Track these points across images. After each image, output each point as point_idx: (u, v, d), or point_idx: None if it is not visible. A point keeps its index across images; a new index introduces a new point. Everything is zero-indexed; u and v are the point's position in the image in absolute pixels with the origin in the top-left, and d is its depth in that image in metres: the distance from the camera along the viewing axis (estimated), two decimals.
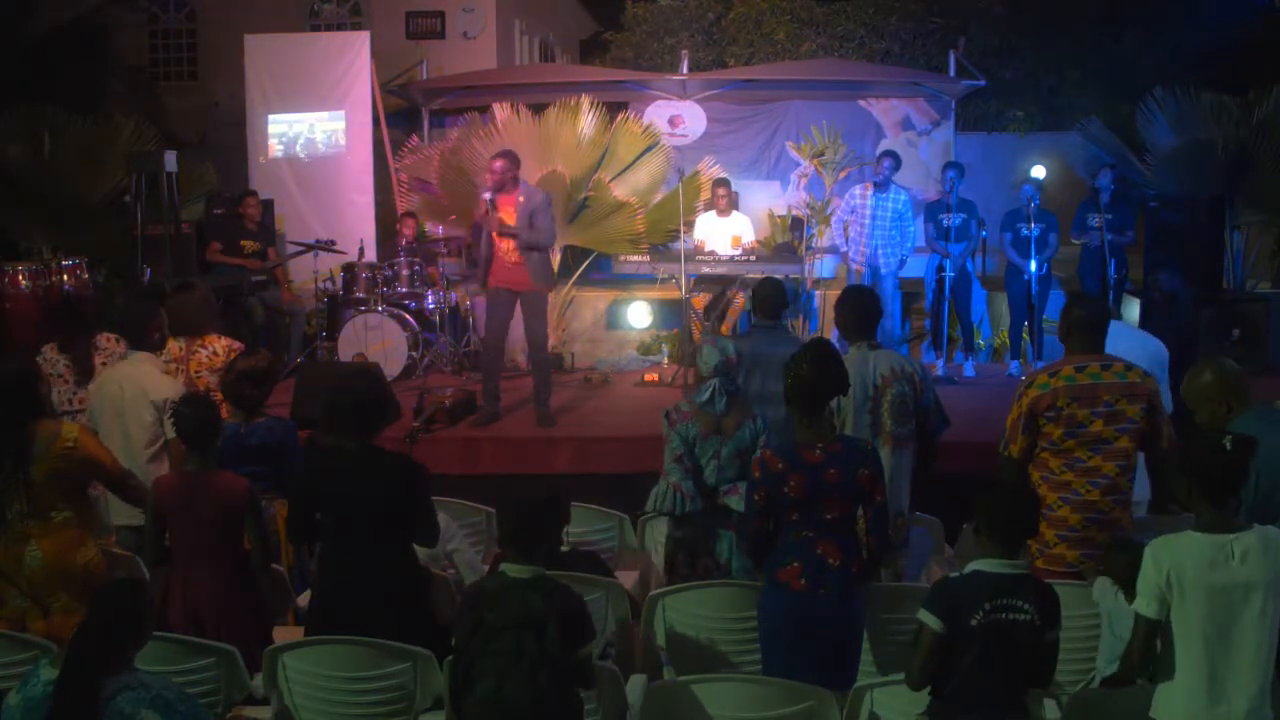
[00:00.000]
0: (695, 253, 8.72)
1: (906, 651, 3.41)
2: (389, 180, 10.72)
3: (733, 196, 9.44)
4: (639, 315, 10.13)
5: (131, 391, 5.05)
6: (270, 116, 10.48)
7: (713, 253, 8.82)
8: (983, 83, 11.21)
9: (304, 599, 4.40)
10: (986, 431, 5.09)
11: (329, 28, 13.45)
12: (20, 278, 8.32)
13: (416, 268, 9.30)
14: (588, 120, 9.75)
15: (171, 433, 4.51)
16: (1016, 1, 13.55)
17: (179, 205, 8.98)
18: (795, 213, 10.43)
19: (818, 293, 9.58)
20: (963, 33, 13.01)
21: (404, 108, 11.79)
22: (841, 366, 3.96)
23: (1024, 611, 3.12)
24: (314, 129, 10.46)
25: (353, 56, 10.45)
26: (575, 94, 9.98)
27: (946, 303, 8.97)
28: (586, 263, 10.20)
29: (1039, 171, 9.67)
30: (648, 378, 9.27)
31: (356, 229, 9.94)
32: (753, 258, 8.81)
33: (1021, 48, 13.42)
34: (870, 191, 9.03)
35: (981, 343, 9.97)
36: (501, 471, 6.98)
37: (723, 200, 9.25)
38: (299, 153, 10.50)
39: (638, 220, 9.67)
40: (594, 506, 5.30)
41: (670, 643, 4.14)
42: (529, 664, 3.08)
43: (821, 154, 10.82)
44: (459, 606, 3.39)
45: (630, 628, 4.28)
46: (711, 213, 9.29)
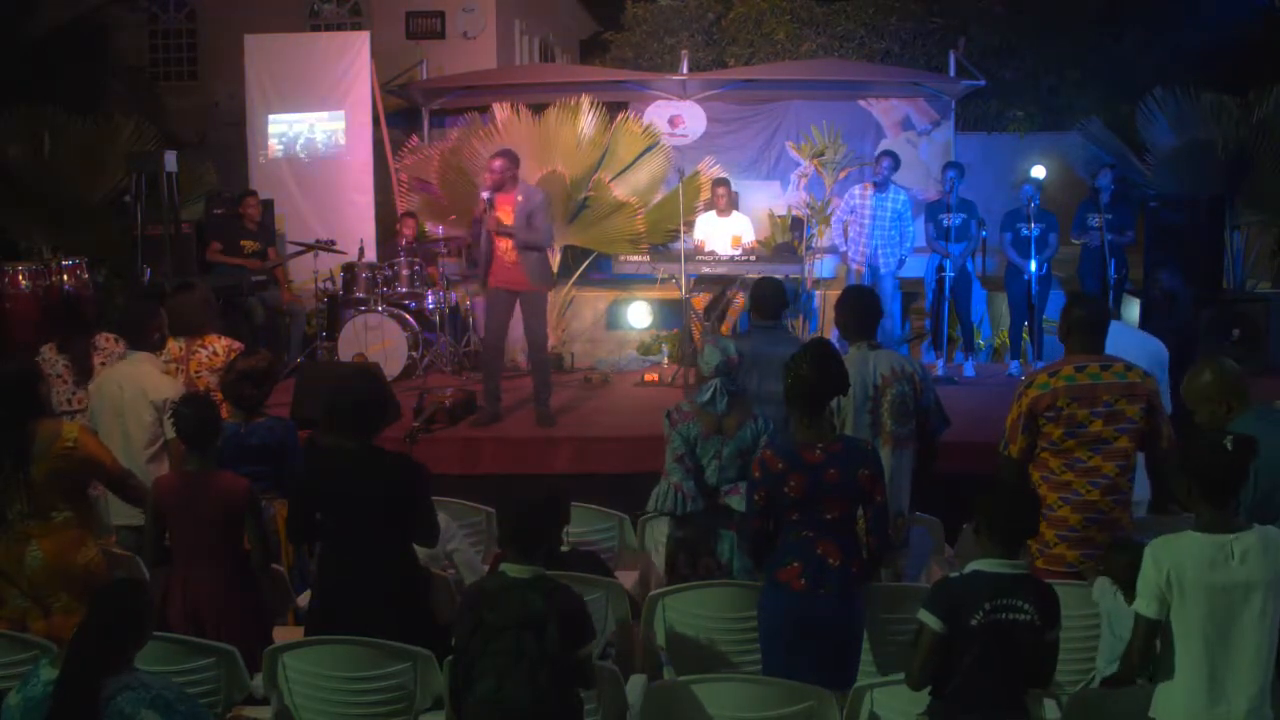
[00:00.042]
0: (695, 253, 8.72)
1: (906, 651, 3.41)
2: (389, 180, 10.72)
3: (733, 196, 9.44)
4: (639, 315, 10.13)
5: (131, 391, 5.05)
6: (270, 116, 10.48)
7: (713, 253, 8.82)
8: (983, 83, 11.20)
9: (304, 599, 4.40)
10: (986, 431, 5.09)
11: (329, 28, 13.45)
12: (20, 278, 8.31)
13: (416, 268, 9.30)
14: (588, 120, 9.76)
15: (171, 433, 4.51)
16: (1016, 1, 13.54)
17: (179, 205, 8.97)
18: (795, 213, 10.42)
19: (818, 293, 9.57)
20: (963, 33, 13.01)
21: (404, 108, 11.78)
22: (841, 366, 3.96)
23: (1024, 611, 3.12)
24: (314, 129, 10.47)
25: (353, 56, 10.45)
26: (575, 94, 9.98)
27: (946, 303, 8.97)
28: (586, 263, 10.20)
29: (1039, 171, 9.67)
30: (648, 378, 9.27)
31: (356, 229, 9.94)
32: (753, 258, 8.80)
33: (1021, 48, 13.42)
34: (870, 191, 9.03)
35: (981, 343, 9.97)
36: (501, 471, 6.98)
37: (723, 200, 9.24)
38: (299, 153, 10.50)
39: (638, 220, 9.68)
40: (594, 506, 5.29)
41: (670, 643, 4.14)
42: (529, 664, 3.08)
43: (821, 154, 10.81)
44: (459, 606, 3.39)
45: (630, 628, 4.28)
46: (711, 213, 9.29)
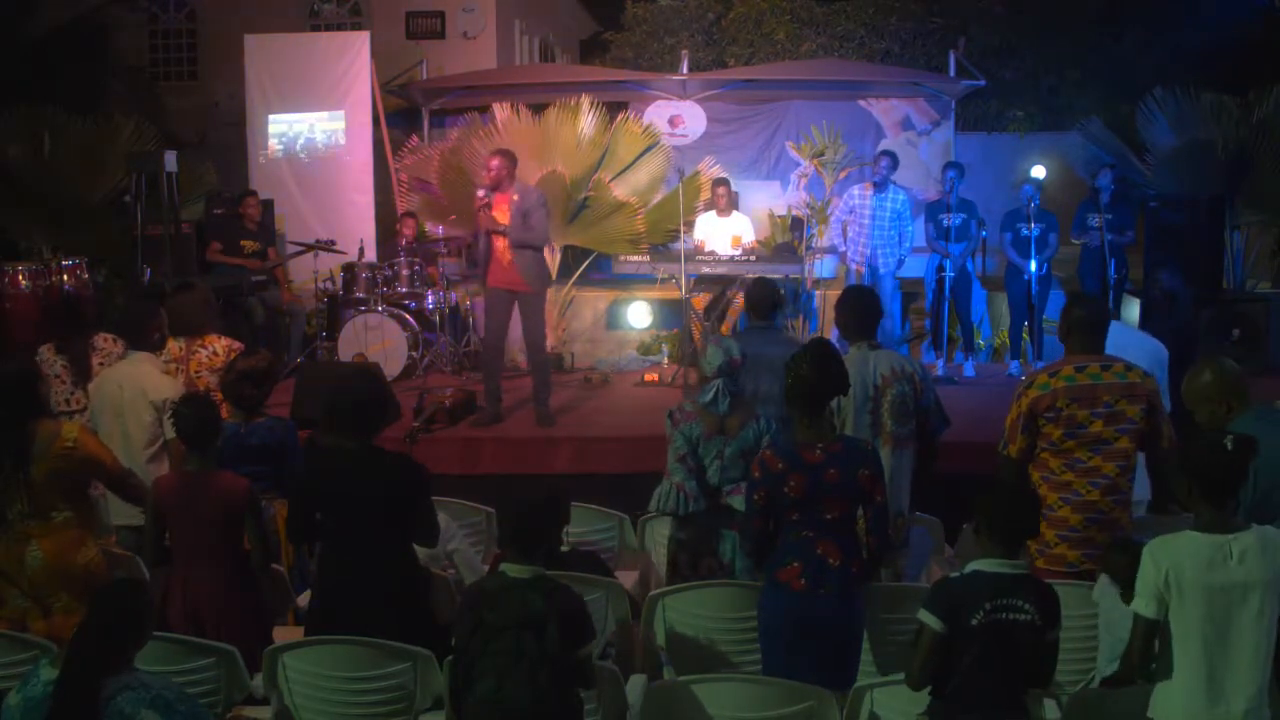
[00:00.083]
0: (695, 253, 8.71)
1: (906, 651, 3.41)
2: (389, 180, 10.72)
3: (733, 196, 9.44)
4: (639, 315, 10.13)
5: (131, 391, 5.04)
6: (270, 116, 10.48)
7: (713, 253, 8.81)
8: (983, 83, 11.20)
9: (304, 599, 4.40)
10: (986, 431, 5.08)
11: (329, 28, 13.46)
12: (20, 278, 8.30)
13: (416, 268, 9.30)
14: (588, 120, 9.76)
15: (171, 433, 4.51)
16: (1016, 1, 13.55)
17: (179, 205, 8.97)
18: (795, 213, 10.41)
19: (818, 293, 9.57)
20: (963, 33, 13.01)
21: (404, 108, 11.78)
22: (841, 366, 3.96)
23: (1024, 611, 3.12)
24: (314, 129, 10.47)
25: (353, 56, 10.45)
26: (575, 94, 9.98)
27: (946, 303, 8.97)
28: (586, 263, 10.20)
29: (1039, 171, 9.66)
30: (648, 378, 9.27)
31: (356, 229, 9.94)
32: (753, 258, 8.79)
33: (1021, 48, 13.43)
34: (869, 191, 9.03)
35: (981, 343, 9.97)
36: (501, 471, 6.98)
37: (723, 200, 9.24)
38: (299, 153, 10.50)
39: (638, 220, 9.67)
40: (594, 506, 5.29)
41: (670, 643, 4.14)
42: (529, 664, 3.08)
43: (821, 154, 10.81)
44: (459, 606, 3.39)
45: (630, 628, 4.28)
46: (711, 213, 9.29)
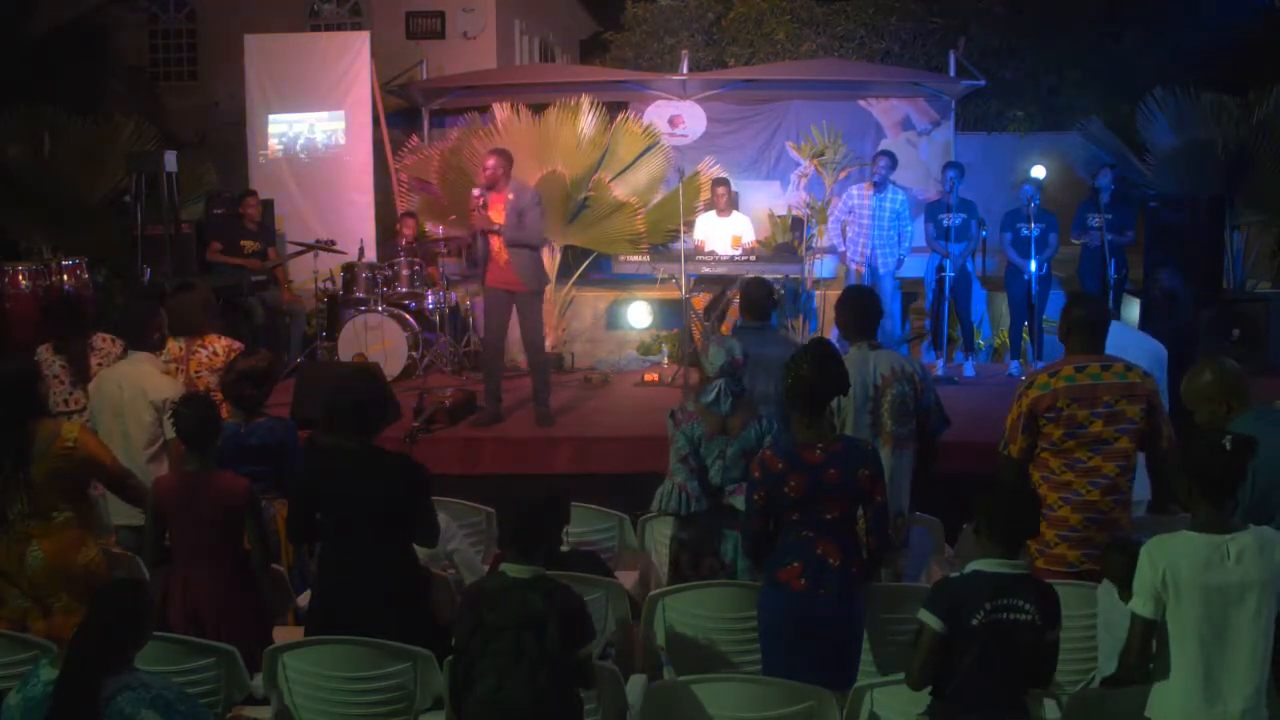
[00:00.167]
0: (695, 253, 8.71)
1: (906, 651, 3.41)
2: (389, 180, 10.72)
3: (733, 196, 9.44)
4: (639, 315, 10.13)
5: (131, 392, 5.05)
6: (270, 116, 10.48)
7: (713, 253, 8.81)
8: (983, 83, 11.20)
9: (304, 599, 4.40)
10: (986, 431, 5.08)
11: (329, 28, 13.47)
12: (20, 278, 8.30)
13: (416, 268, 9.30)
14: (588, 120, 9.76)
15: (171, 433, 4.51)
16: (1016, 1, 13.55)
17: (179, 205, 8.97)
18: (795, 213, 10.42)
19: (818, 293, 9.57)
20: (963, 33, 13.01)
21: (404, 108, 11.78)
22: (841, 366, 3.96)
23: (1025, 611, 3.12)
24: (314, 129, 10.47)
25: (353, 56, 10.45)
26: (575, 94, 9.98)
27: (946, 303, 8.97)
28: (586, 263, 10.20)
29: (1039, 171, 9.67)
30: (648, 378, 9.28)
31: (356, 229, 9.94)
32: (753, 258, 8.79)
33: (1021, 48, 13.43)
34: (868, 191, 9.02)
35: (981, 343, 9.97)
36: (501, 471, 6.98)
37: (723, 200, 9.24)
38: (299, 153, 10.50)
39: (638, 220, 9.67)
40: (594, 506, 5.29)
41: (670, 643, 4.14)
42: (529, 664, 3.08)
43: (821, 154, 10.81)
44: (459, 606, 3.39)
45: (630, 628, 4.28)
46: (711, 213, 9.29)
